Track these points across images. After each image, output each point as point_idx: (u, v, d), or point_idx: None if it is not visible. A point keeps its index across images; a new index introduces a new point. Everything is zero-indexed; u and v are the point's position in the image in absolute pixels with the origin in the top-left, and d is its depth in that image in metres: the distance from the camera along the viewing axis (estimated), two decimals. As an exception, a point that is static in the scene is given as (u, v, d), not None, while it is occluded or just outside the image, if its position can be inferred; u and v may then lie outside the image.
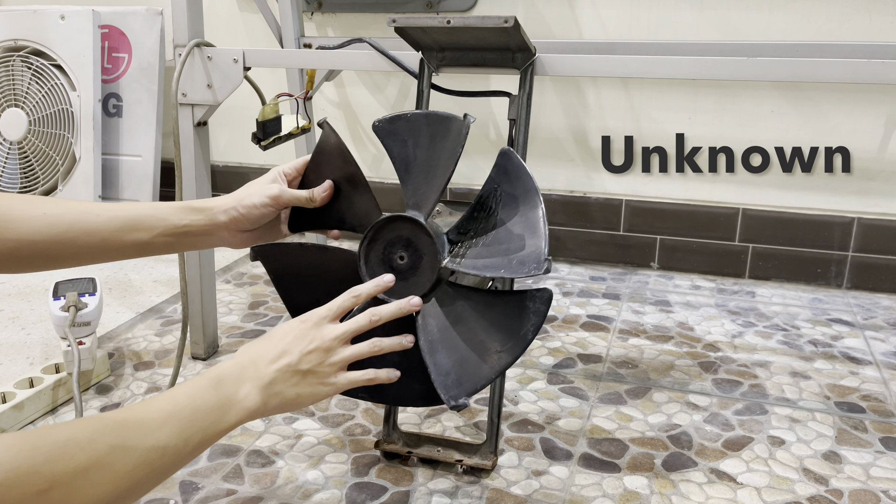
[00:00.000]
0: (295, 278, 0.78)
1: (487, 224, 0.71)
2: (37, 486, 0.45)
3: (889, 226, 1.44)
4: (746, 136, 1.48)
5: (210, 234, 0.73)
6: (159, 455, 0.53)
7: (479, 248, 0.71)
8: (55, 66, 1.65)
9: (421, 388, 0.72)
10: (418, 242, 0.71)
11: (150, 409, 0.55)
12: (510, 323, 0.70)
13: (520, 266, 0.68)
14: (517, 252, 0.69)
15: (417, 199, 0.73)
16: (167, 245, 0.71)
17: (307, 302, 0.72)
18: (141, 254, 0.70)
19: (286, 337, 0.65)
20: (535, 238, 0.69)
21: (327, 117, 0.76)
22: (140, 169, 1.70)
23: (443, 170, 0.73)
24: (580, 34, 1.52)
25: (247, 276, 1.54)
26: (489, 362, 0.69)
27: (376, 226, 0.72)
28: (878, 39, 1.36)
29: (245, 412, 0.61)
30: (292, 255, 0.78)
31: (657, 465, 0.89)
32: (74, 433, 0.49)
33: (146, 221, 0.69)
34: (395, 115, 0.76)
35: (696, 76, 0.88)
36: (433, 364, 0.70)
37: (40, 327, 1.24)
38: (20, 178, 1.71)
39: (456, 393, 0.69)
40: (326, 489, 0.84)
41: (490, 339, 0.70)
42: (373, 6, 1.61)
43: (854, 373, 1.12)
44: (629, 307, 1.38)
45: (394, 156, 0.75)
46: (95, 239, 0.67)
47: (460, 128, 0.73)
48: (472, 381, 0.69)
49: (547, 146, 1.60)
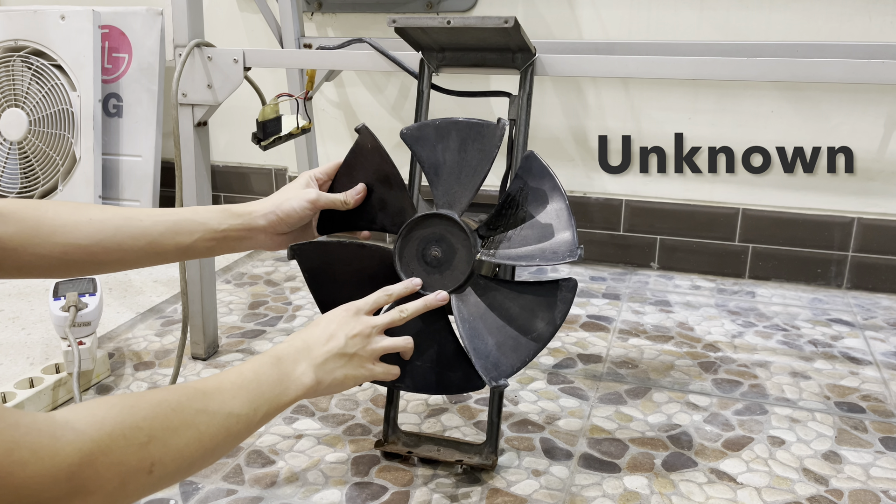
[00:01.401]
0: (329, 275, 0.82)
1: (516, 219, 0.77)
2: (139, 440, 0.50)
3: (889, 226, 1.44)
4: (746, 136, 1.48)
5: (248, 238, 0.77)
6: (235, 421, 0.58)
7: (510, 241, 0.77)
8: (55, 66, 1.65)
9: (456, 375, 0.79)
10: (452, 238, 0.77)
11: (223, 381, 0.60)
12: (540, 310, 0.76)
13: (553, 255, 0.73)
14: (549, 242, 0.74)
15: (449, 199, 0.78)
16: (207, 248, 0.75)
17: (339, 299, 0.77)
18: (182, 257, 0.74)
19: (331, 324, 0.71)
20: (564, 228, 0.74)
21: (363, 123, 0.81)
22: (140, 169, 1.70)
23: (478, 170, 0.78)
24: (580, 34, 1.52)
25: (247, 276, 1.54)
26: (524, 345, 0.75)
27: (411, 223, 0.78)
28: (878, 39, 1.36)
29: (303, 388, 0.66)
30: (329, 253, 0.82)
31: (657, 465, 0.89)
32: (165, 396, 0.54)
33: (187, 226, 0.73)
34: (424, 122, 0.81)
35: (696, 76, 0.88)
36: (473, 349, 0.75)
37: (40, 327, 1.25)
38: (20, 179, 1.71)
39: (496, 374, 0.75)
40: (326, 489, 0.84)
41: (523, 325, 0.76)
42: (373, 6, 1.61)
43: (854, 373, 1.12)
44: (629, 307, 1.38)
45: (423, 160, 0.80)
46: (141, 243, 0.70)
47: (494, 131, 0.78)
48: (509, 363, 0.75)
49: (547, 146, 1.60)
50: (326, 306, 0.81)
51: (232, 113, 1.83)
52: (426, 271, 0.78)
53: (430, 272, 0.78)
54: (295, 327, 1.28)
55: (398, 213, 0.81)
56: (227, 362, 1.15)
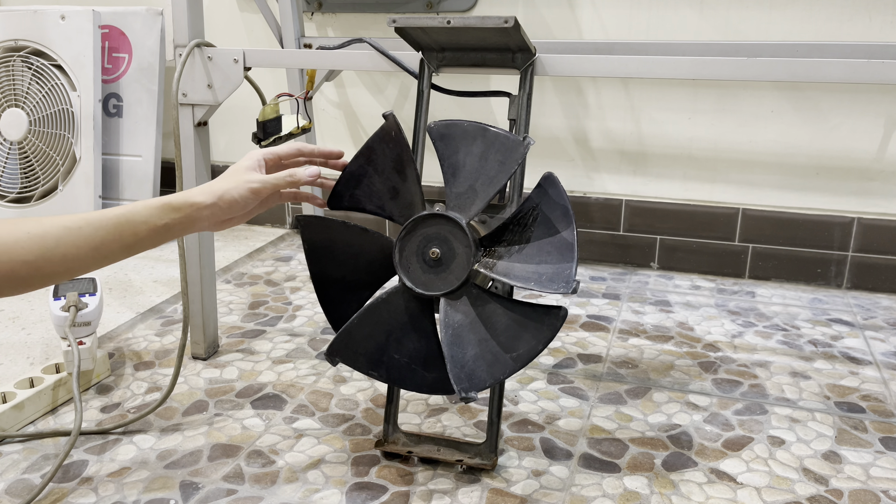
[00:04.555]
0: (328, 252, 0.84)
1: (522, 237, 0.77)
2: None
3: (889, 226, 1.44)
4: (746, 136, 1.48)
5: (191, 227, 0.77)
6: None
7: (511, 259, 0.77)
8: (55, 66, 1.65)
9: (431, 376, 0.80)
10: (455, 242, 0.77)
11: None
12: (526, 331, 0.76)
13: (549, 283, 0.73)
14: (548, 269, 0.74)
15: (461, 203, 0.78)
16: (151, 242, 0.76)
17: (334, 276, 0.80)
18: (129, 254, 0.75)
19: None
20: (567, 259, 0.74)
21: (392, 111, 0.81)
22: (140, 169, 1.70)
23: (494, 181, 0.78)
24: (580, 34, 1.52)
25: (247, 276, 1.54)
26: (501, 363, 0.76)
27: (418, 219, 0.78)
28: (878, 39, 1.36)
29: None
30: (333, 231, 0.84)
31: (657, 465, 0.89)
32: None
33: (129, 227, 0.73)
34: (453, 121, 0.81)
35: (696, 76, 0.88)
36: (450, 356, 0.76)
37: (40, 327, 1.25)
38: (20, 178, 1.71)
39: (467, 386, 0.75)
40: (326, 489, 0.84)
41: (505, 343, 0.76)
42: (373, 6, 1.61)
43: (854, 373, 1.12)
44: (629, 307, 1.38)
45: (443, 159, 0.80)
46: (84, 251, 0.70)
47: (518, 147, 0.78)
48: (483, 377, 0.75)
49: (547, 146, 1.60)
50: (322, 282, 0.84)
51: (232, 113, 1.83)
52: (423, 269, 0.78)
53: (426, 271, 0.78)
54: (295, 327, 1.28)
55: (408, 205, 0.81)
56: (227, 362, 1.15)
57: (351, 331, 0.81)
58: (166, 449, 0.92)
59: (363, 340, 0.81)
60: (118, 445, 0.93)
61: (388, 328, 0.81)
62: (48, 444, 0.93)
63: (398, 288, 0.80)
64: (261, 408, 1.02)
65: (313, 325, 1.28)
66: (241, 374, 1.12)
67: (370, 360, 0.81)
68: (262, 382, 1.09)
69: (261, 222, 1.88)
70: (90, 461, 0.90)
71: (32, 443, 0.93)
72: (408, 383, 0.81)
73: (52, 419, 0.99)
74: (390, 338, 0.81)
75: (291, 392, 1.06)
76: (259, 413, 1.00)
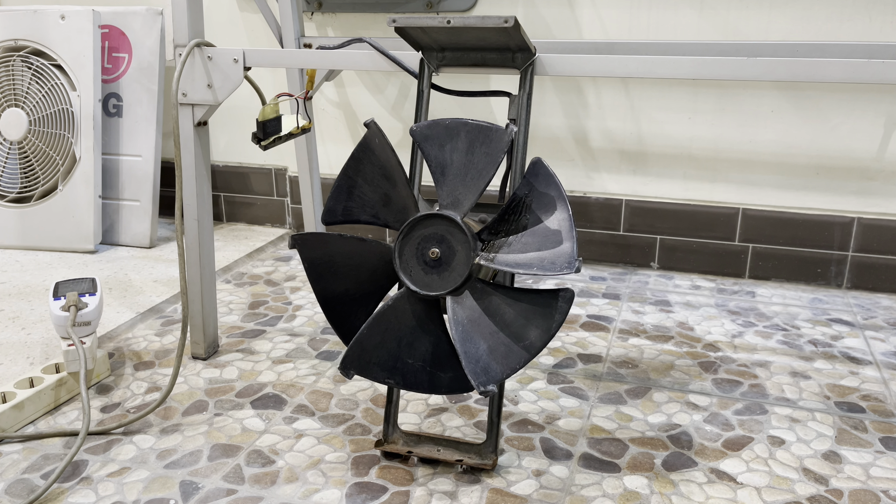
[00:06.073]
0: (329, 267, 0.84)
1: (518, 225, 0.77)
2: None
3: (889, 226, 1.44)
4: (746, 136, 1.48)
5: None
6: None
7: (511, 248, 0.77)
8: (55, 66, 1.65)
9: (447, 377, 0.80)
10: (453, 239, 0.77)
11: None
12: (535, 318, 0.76)
13: (552, 265, 0.73)
14: (548, 252, 0.75)
15: (453, 200, 0.78)
16: None
17: (338, 290, 0.80)
18: None
19: None
20: (565, 240, 0.74)
21: (373, 118, 0.82)
22: (140, 169, 1.70)
23: (483, 173, 0.78)
24: (580, 34, 1.52)
25: (247, 276, 1.54)
26: (515, 353, 0.76)
27: (413, 222, 0.78)
28: (878, 39, 1.36)
29: None
30: (331, 245, 0.83)
31: (657, 464, 0.89)
32: None
33: None
34: (434, 121, 0.81)
35: (696, 76, 0.88)
36: (464, 352, 0.76)
37: (40, 327, 1.25)
38: (20, 178, 1.71)
39: (485, 379, 0.75)
40: (326, 489, 0.84)
41: (516, 332, 0.76)
42: (373, 6, 1.61)
43: (854, 373, 1.12)
44: (629, 307, 1.38)
45: (430, 159, 0.80)
46: None
47: (502, 135, 0.78)
48: (499, 369, 0.75)
49: (547, 146, 1.60)
50: (324, 298, 0.83)
51: (232, 113, 1.83)
52: (424, 271, 0.78)
53: (428, 272, 0.78)
54: (295, 327, 1.28)
55: (401, 210, 0.81)
56: (227, 362, 1.15)
57: (362, 342, 0.81)
58: (166, 449, 0.92)
59: (375, 350, 0.81)
60: (118, 445, 0.93)
61: (398, 334, 0.81)
62: (48, 444, 0.93)
63: (403, 293, 0.80)
64: (261, 408, 1.02)
65: (313, 325, 1.28)
66: (240, 374, 1.12)
67: (384, 368, 0.81)
68: (262, 382, 1.09)
69: (261, 222, 1.88)
70: (90, 461, 0.90)
71: (32, 443, 0.93)
72: (425, 387, 0.81)
73: (52, 419, 0.99)
74: (401, 343, 0.80)
75: (291, 392, 1.06)
76: (259, 413, 1.00)
